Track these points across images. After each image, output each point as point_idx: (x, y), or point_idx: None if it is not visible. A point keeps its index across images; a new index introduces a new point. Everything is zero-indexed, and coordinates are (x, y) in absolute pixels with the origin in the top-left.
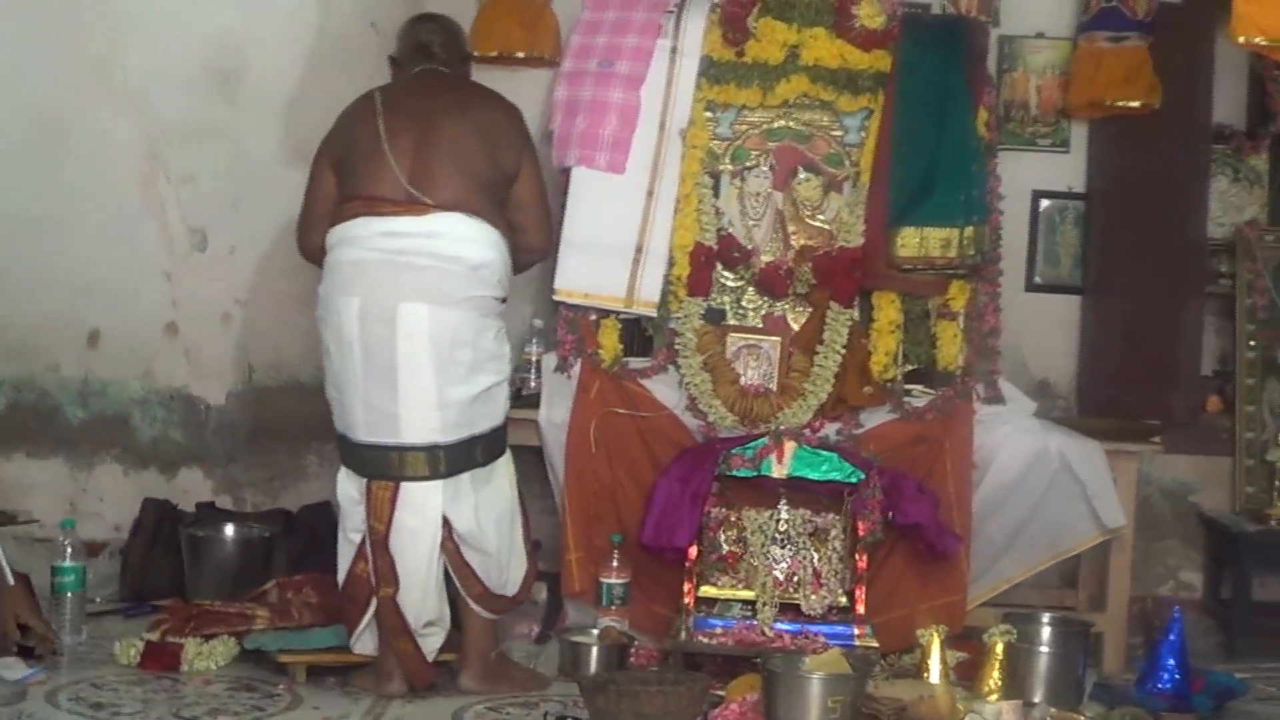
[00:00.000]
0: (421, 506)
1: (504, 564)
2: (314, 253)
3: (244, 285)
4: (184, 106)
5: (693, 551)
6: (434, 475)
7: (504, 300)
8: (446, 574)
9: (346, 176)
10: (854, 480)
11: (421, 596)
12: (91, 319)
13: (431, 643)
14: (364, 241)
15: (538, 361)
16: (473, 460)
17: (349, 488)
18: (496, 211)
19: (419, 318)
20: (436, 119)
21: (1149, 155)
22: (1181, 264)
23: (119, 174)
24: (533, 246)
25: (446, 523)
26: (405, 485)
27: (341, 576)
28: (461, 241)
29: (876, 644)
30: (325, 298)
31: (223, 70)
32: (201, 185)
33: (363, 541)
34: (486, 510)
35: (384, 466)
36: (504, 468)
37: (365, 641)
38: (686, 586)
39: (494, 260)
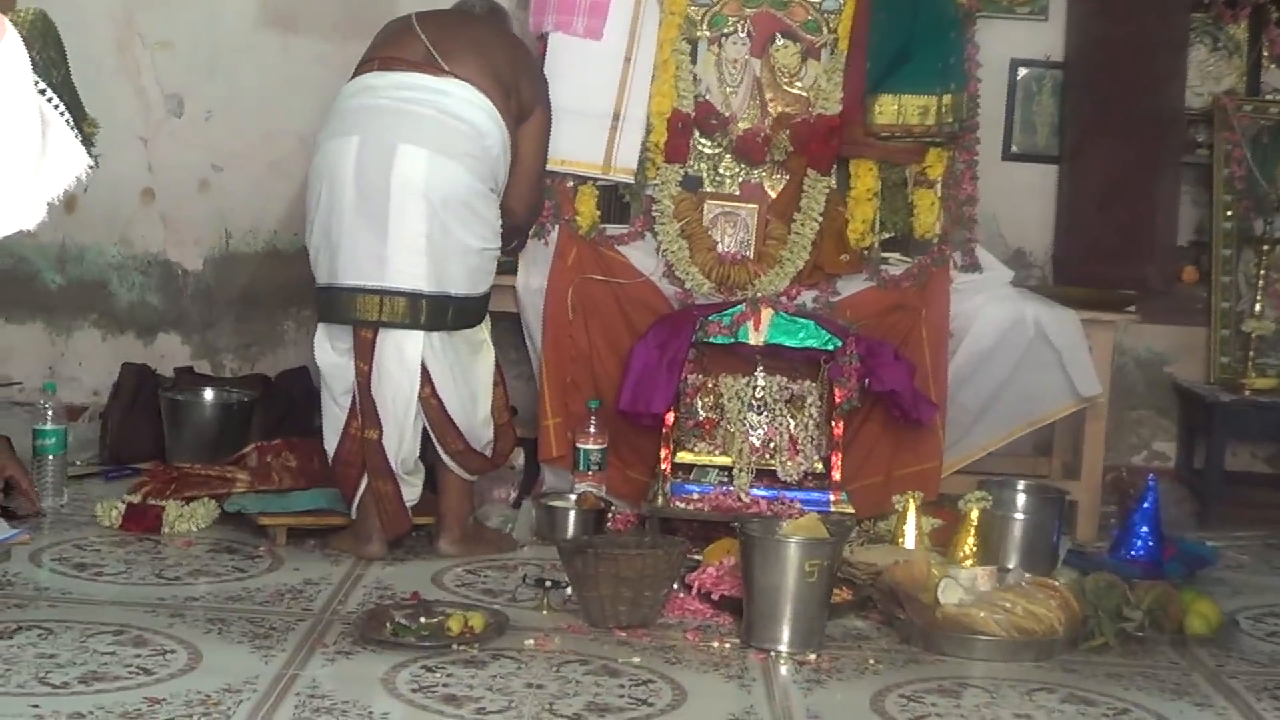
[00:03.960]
0: (400, 352)
1: (482, 425)
2: None
3: (221, 151)
4: None
5: (669, 418)
6: (414, 324)
7: (495, 189)
8: (426, 436)
9: (367, 51)
10: (830, 348)
11: (399, 441)
12: None
13: (410, 492)
14: (372, 91)
15: None
16: (445, 320)
17: (328, 354)
18: (508, 116)
19: (417, 161)
20: (470, 22)
21: (1128, 24)
22: (1159, 134)
23: (94, 40)
24: (511, 209)
25: (427, 375)
26: (385, 331)
27: (333, 443)
28: (470, 106)
29: (852, 510)
30: (322, 142)
31: None
32: (178, 50)
33: (353, 402)
34: (462, 371)
35: (366, 310)
36: (483, 336)
37: None
38: (663, 452)
39: (497, 136)
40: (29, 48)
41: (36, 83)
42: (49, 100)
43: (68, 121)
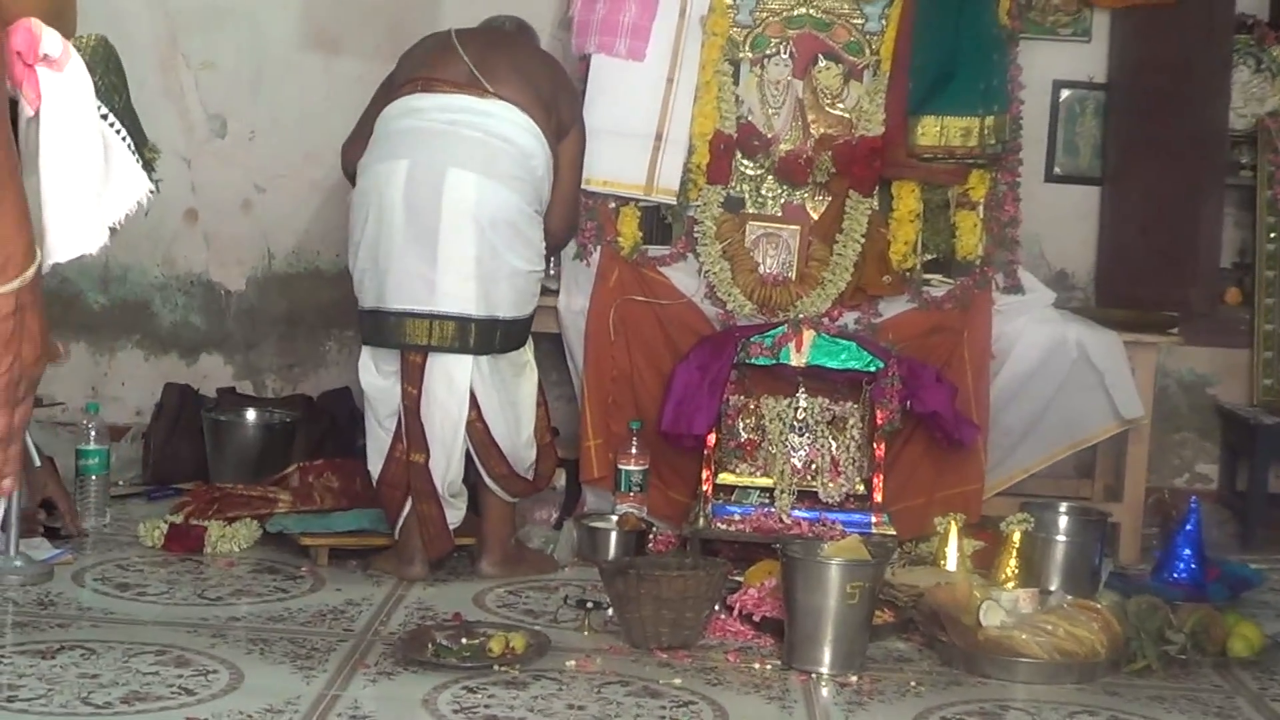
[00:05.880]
0: (448, 377)
1: (525, 447)
2: (355, 168)
3: (264, 171)
4: None
5: (711, 439)
6: (463, 348)
7: (539, 210)
8: (468, 458)
9: (406, 69)
10: (872, 369)
11: (446, 463)
12: None
13: (453, 515)
14: (417, 114)
15: None
16: (493, 344)
17: (374, 376)
18: (549, 135)
19: (466, 185)
20: (507, 40)
21: (1170, 45)
22: (1202, 155)
23: (138, 60)
24: (552, 230)
25: (474, 400)
26: (434, 355)
27: (378, 465)
28: (515, 127)
29: (894, 532)
30: (368, 165)
31: None
32: (221, 71)
33: (398, 425)
34: (507, 395)
35: (416, 335)
36: (527, 358)
37: None
38: (705, 473)
39: (541, 157)
40: (91, 73)
41: (99, 108)
42: (111, 125)
43: (129, 147)
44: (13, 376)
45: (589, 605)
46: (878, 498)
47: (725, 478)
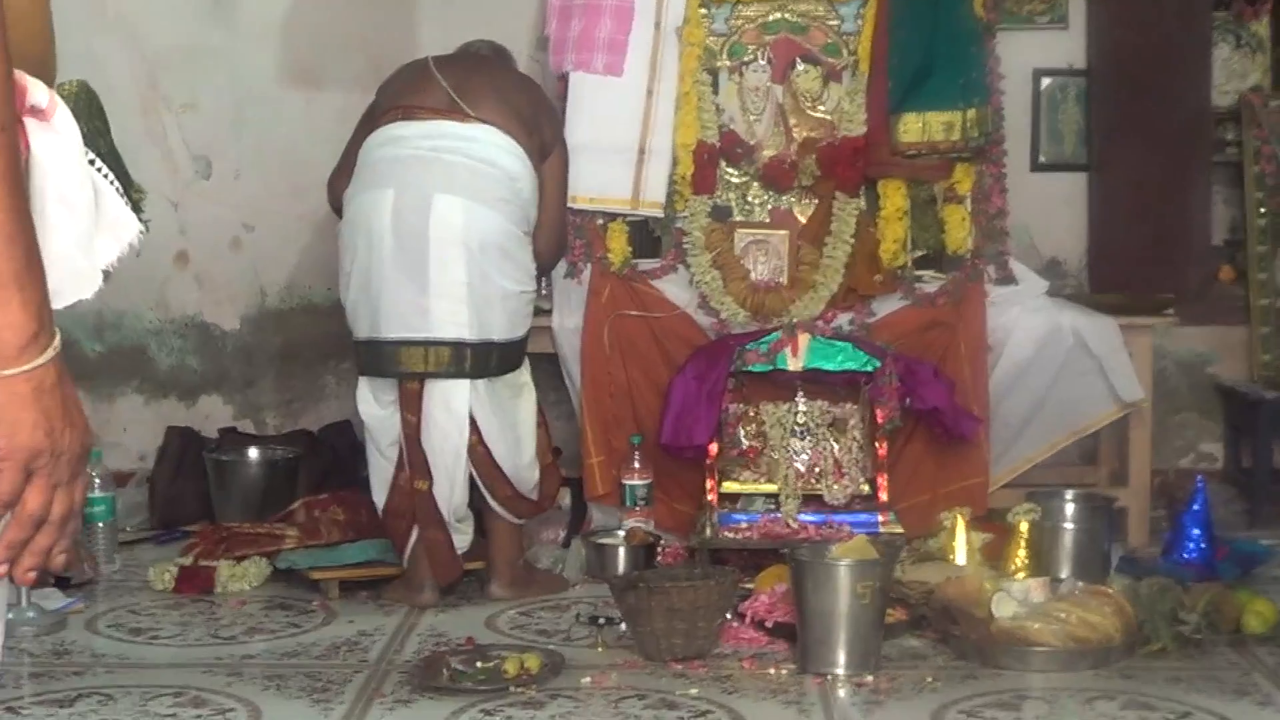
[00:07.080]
0: (447, 403)
1: (528, 468)
2: (342, 200)
3: (251, 209)
4: (179, 33)
5: (713, 448)
6: (460, 373)
7: (527, 232)
8: (472, 482)
9: (386, 98)
10: (869, 369)
11: (450, 489)
12: None
13: (461, 540)
14: (400, 142)
15: None
16: (489, 367)
17: (372, 406)
18: (533, 156)
19: (453, 211)
20: (484, 64)
21: (1149, 27)
22: (1187, 135)
23: (119, 104)
24: (540, 251)
25: (474, 424)
26: (431, 381)
27: (382, 495)
28: (498, 150)
29: (901, 529)
30: (354, 196)
31: None
32: (202, 111)
33: (400, 453)
34: (507, 417)
35: (412, 362)
36: (524, 379)
37: None
38: (709, 483)
39: (527, 179)
40: (76, 120)
41: (86, 153)
42: (98, 170)
43: (117, 190)
44: (74, 450)
45: (601, 621)
46: (883, 496)
47: (729, 486)
